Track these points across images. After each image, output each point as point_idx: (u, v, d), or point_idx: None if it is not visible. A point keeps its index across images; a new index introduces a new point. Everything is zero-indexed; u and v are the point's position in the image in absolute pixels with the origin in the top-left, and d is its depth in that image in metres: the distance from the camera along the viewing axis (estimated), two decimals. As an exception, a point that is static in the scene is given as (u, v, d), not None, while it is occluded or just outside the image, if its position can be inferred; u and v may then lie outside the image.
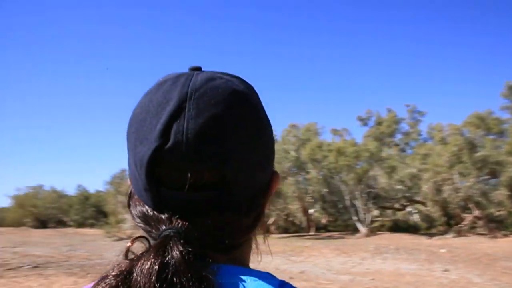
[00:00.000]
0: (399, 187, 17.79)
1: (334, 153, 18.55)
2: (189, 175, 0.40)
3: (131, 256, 0.39)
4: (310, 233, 20.58)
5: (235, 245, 0.44)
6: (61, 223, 29.94)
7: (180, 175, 0.40)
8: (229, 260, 0.43)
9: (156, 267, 0.35)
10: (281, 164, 21.10)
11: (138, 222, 0.44)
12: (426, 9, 48.51)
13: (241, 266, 0.44)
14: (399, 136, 23.97)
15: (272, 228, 22.20)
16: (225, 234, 0.42)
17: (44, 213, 29.62)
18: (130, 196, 0.48)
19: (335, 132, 23.68)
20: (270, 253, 0.61)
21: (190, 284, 0.35)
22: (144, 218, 0.43)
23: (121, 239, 18.95)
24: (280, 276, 0.43)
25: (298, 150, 21.17)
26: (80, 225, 28.46)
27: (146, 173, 0.41)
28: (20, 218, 28.99)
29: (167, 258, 0.36)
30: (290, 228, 22.87)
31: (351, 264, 9.88)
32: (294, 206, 21.93)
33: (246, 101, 0.45)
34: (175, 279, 0.35)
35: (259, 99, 0.49)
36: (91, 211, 28.89)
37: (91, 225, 27.28)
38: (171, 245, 0.37)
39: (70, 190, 42.46)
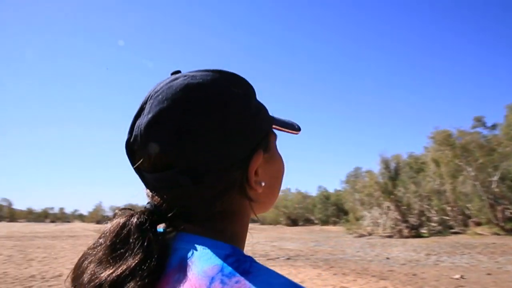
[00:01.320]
0: None
1: None
2: (141, 160, 0.51)
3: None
4: None
5: (205, 217, 0.51)
6: (308, 221, 33.78)
7: (143, 161, 0.52)
8: (205, 232, 0.50)
9: (118, 227, 0.48)
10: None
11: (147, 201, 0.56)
12: None
13: (213, 239, 0.49)
14: None
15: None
16: (186, 207, 0.51)
17: (294, 212, 34.34)
18: None
19: None
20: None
21: (135, 241, 0.46)
22: (147, 196, 0.55)
23: (361, 235, 19.27)
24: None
25: None
26: (324, 222, 31.03)
27: (129, 160, 0.54)
28: (276, 217, 34.84)
29: (127, 222, 0.49)
30: None
31: None
32: None
33: (195, 92, 0.51)
34: (127, 237, 0.47)
35: (227, 87, 0.53)
36: (332, 210, 31.18)
37: (334, 223, 29.13)
38: (135, 214, 0.50)
39: (312, 191, 47.02)
